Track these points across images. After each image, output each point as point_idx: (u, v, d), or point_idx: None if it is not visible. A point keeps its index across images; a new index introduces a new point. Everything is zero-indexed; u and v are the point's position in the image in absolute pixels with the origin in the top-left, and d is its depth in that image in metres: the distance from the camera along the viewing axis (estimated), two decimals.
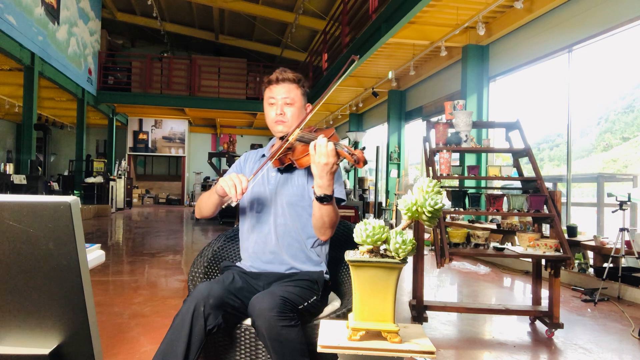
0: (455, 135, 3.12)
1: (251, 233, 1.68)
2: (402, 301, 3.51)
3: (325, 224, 1.51)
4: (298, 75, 1.68)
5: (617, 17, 4.65)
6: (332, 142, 1.32)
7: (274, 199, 1.65)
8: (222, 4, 12.50)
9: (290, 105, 1.65)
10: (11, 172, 8.11)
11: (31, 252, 0.72)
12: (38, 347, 0.76)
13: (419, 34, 6.77)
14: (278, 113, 1.64)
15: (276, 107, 1.65)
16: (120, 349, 2.44)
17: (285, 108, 1.64)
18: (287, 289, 1.46)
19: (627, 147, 6.50)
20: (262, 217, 1.65)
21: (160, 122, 16.28)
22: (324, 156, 1.33)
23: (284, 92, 1.65)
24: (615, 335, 2.94)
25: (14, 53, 7.80)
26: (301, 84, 1.68)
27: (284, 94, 1.64)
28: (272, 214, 1.64)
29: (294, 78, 1.66)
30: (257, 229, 1.65)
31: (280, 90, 1.65)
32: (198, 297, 1.36)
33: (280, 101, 1.64)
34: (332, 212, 1.49)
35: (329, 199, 1.43)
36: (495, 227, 5.04)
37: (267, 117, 1.69)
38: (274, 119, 1.65)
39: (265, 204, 1.66)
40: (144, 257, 5.43)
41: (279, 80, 1.65)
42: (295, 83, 1.66)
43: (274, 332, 1.30)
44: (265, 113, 1.70)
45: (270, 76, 1.67)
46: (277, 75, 1.66)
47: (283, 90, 1.65)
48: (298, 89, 1.67)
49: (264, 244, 1.63)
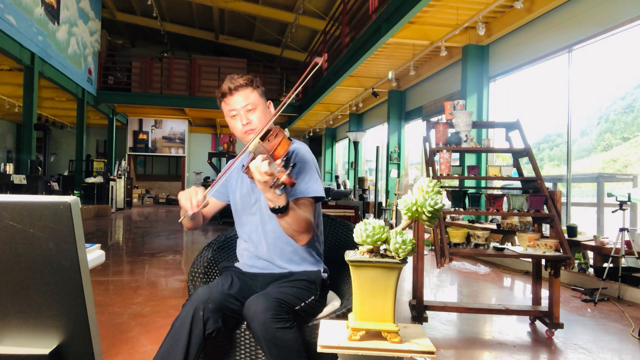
0: (455, 135, 3.12)
1: (244, 241, 1.68)
2: (402, 301, 3.50)
3: (296, 232, 1.45)
4: (248, 77, 1.59)
5: (617, 17, 4.65)
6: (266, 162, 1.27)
7: (259, 207, 1.61)
8: (222, 4, 12.50)
9: (253, 110, 1.57)
10: (11, 172, 8.10)
11: (31, 252, 0.72)
12: (38, 347, 0.76)
13: (419, 34, 6.78)
14: (244, 123, 1.56)
15: (240, 117, 1.57)
16: (120, 349, 2.44)
17: (249, 115, 1.56)
18: (283, 290, 1.46)
19: (627, 147, 6.50)
20: (252, 226, 1.64)
21: (160, 122, 16.28)
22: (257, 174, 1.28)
23: (241, 100, 1.56)
24: (615, 335, 2.94)
25: (14, 53, 7.80)
26: (255, 84, 1.59)
27: (242, 102, 1.56)
28: (260, 222, 1.61)
29: (246, 82, 1.57)
30: (249, 238, 1.65)
31: (238, 100, 1.56)
32: (197, 301, 1.36)
33: (242, 110, 1.56)
34: (295, 220, 1.42)
35: (284, 209, 1.37)
36: (495, 227, 5.04)
37: (234, 131, 1.60)
38: (243, 130, 1.57)
39: (252, 212, 1.64)
40: (144, 257, 5.43)
41: (232, 90, 1.56)
42: (250, 86, 1.57)
43: (269, 334, 1.30)
44: (231, 127, 1.61)
45: (222, 88, 1.58)
46: (228, 86, 1.56)
47: (240, 99, 1.56)
48: (254, 91, 1.58)
49: (256, 252, 1.63)
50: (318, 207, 1.66)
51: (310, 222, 1.48)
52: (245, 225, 1.66)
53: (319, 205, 1.67)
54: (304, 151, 1.61)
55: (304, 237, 1.48)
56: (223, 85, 1.58)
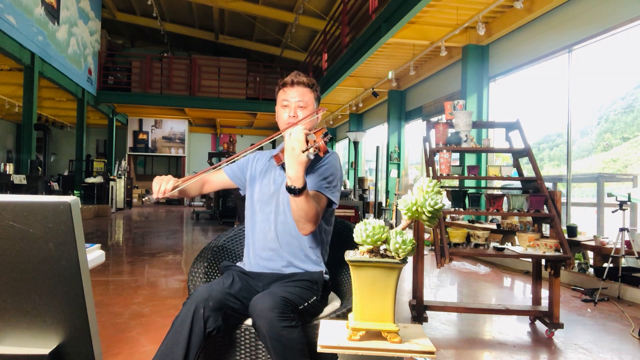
0: (455, 135, 3.12)
1: (254, 230, 1.70)
2: (402, 301, 3.50)
3: (302, 217, 1.47)
4: (312, 80, 1.72)
5: (617, 17, 4.65)
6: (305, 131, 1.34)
7: (277, 197, 1.66)
8: (222, 4, 12.50)
9: (303, 108, 1.66)
10: (11, 172, 8.10)
11: (31, 252, 0.72)
12: (38, 347, 0.76)
13: (419, 34, 6.77)
14: (291, 115, 1.65)
15: (289, 109, 1.66)
16: (120, 349, 2.44)
17: (298, 110, 1.66)
18: (288, 289, 1.46)
19: (627, 147, 6.50)
20: (264, 215, 1.67)
21: (160, 122, 16.28)
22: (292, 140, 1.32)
23: (297, 95, 1.66)
24: (615, 335, 2.94)
25: (14, 53, 7.80)
26: (314, 88, 1.71)
27: (297, 97, 1.66)
28: (274, 212, 1.65)
29: (308, 82, 1.69)
30: (260, 226, 1.68)
31: (294, 94, 1.67)
32: (198, 300, 1.37)
33: (294, 104, 1.66)
34: (306, 205, 1.43)
35: (299, 191, 1.38)
36: (495, 227, 5.04)
37: (279, 119, 1.70)
38: (287, 121, 1.66)
39: (268, 202, 1.68)
40: (144, 257, 5.43)
41: (293, 83, 1.67)
42: (309, 87, 1.69)
43: (274, 332, 1.30)
44: (278, 115, 1.71)
45: (285, 79, 1.70)
46: (292, 79, 1.68)
47: (297, 94, 1.66)
48: (311, 93, 1.69)
49: (264, 241, 1.65)
50: (332, 216, 1.73)
51: (319, 214, 1.52)
52: (258, 213, 1.69)
53: (333, 214, 1.73)
54: (334, 158, 1.70)
55: (308, 225, 1.50)
56: (288, 77, 1.70)
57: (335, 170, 1.65)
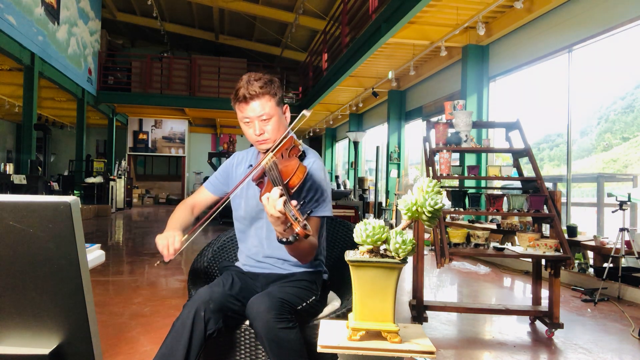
0: (455, 135, 3.12)
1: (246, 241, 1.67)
2: (402, 301, 3.50)
3: (299, 256, 1.46)
4: (266, 80, 1.50)
5: (617, 17, 4.65)
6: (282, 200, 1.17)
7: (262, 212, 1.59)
8: (222, 4, 12.50)
9: (268, 120, 1.51)
10: (11, 172, 8.10)
11: (31, 252, 0.72)
12: (38, 347, 0.76)
13: (419, 34, 6.77)
14: (257, 134, 1.51)
15: (253, 127, 1.52)
16: (120, 349, 2.44)
17: (263, 126, 1.51)
18: (285, 290, 1.46)
19: (627, 147, 6.49)
20: (255, 230, 1.63)
21: (160, 122, 16.27)
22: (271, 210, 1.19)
23: (257, 108, 1.49)
24: (615, 335, 2.94)
25: (14, 53, 7.80)
26: (272, 92, 1.51)
27: (258, 111, 1.49)
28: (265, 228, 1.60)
29: (262, 90, 1.48)
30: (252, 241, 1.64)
31: (253, 108, 1.49)
32: (199, 302, 1.36)
33: (256, 119, 1.50)
34: (300, 248, 1.40)
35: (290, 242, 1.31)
36: (495, 227, 5.03)
37: (247, 136, 1.56)
38: (255, 140, 1.54)
39: (257, 217, 1.62)
40: (144, 257, 5.43)
41: (247, 99, 1.48)
42: (267, 94, 1.49)
43: (272, 334, 1.30)
44: (244, 131, 1.55)
45: (238, 93, 1.49)
46: (244, 93, 1.47)
47: (255, 108, 1.49)
48: (271, 99, 1.50)
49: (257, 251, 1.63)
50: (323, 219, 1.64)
51: (315, 246, 1.46)
52: (249, 227, 1.65)
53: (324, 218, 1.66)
54: (317, 169, 1.56)
55: (307, 258, 1.49)
56: (240, 89, 1.49)
57: (320, 182, 1.54)
